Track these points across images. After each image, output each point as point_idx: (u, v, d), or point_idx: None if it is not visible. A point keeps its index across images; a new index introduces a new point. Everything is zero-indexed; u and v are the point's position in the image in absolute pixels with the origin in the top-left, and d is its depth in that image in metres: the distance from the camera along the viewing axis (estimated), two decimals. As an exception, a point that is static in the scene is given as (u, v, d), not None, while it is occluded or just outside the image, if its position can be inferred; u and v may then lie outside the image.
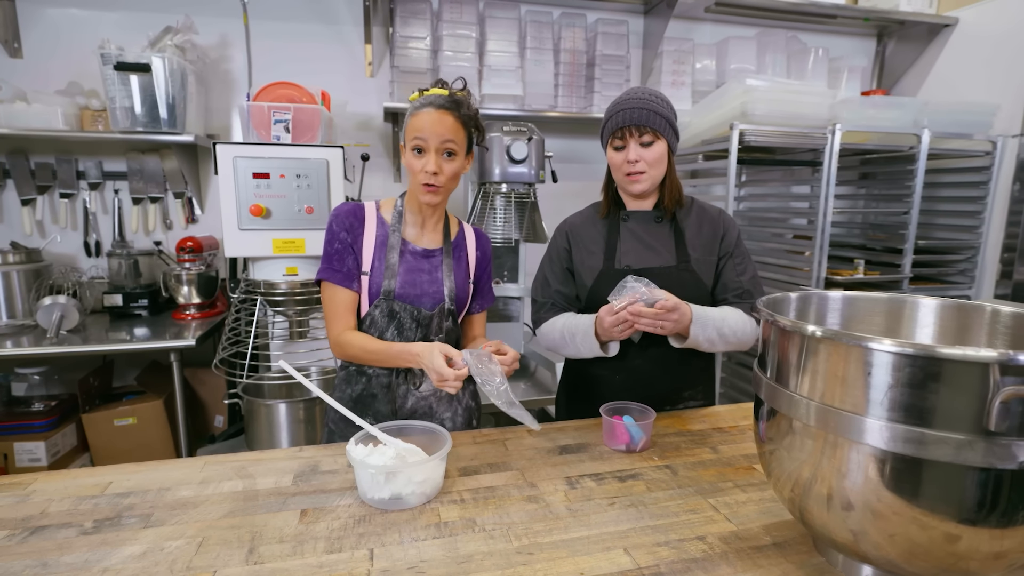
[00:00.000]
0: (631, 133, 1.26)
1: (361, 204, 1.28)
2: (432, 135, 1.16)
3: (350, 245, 1.23)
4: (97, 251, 2.59)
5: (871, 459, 0.67)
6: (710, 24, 3.07)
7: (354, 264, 1.23)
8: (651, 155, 1.27)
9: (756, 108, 2.34)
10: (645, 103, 1.26)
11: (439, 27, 2.63)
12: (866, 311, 0.92)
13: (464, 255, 1.34)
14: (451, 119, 1.17)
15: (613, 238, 1.37)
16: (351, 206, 1.26)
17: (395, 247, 1.24)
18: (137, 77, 2.13)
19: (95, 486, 0.98)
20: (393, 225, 1.26)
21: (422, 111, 1.16)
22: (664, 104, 1.28)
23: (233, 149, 1.72)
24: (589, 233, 1.41)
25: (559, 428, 1.27)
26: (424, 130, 1.16)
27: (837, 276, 2.53)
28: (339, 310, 1.22)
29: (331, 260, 1.23)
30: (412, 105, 1.20)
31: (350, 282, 1.22)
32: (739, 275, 1.36)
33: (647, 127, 1.25)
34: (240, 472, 1.04)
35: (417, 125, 1.16)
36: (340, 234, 1.23)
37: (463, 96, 1.21)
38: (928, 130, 2.49)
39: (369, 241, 1.24)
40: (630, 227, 1.38)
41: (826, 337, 0.70)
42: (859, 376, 0.67)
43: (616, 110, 1.28)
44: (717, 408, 1.40)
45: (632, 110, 1.26)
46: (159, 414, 2.32)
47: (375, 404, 1.26)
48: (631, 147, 1.27)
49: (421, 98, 1.19)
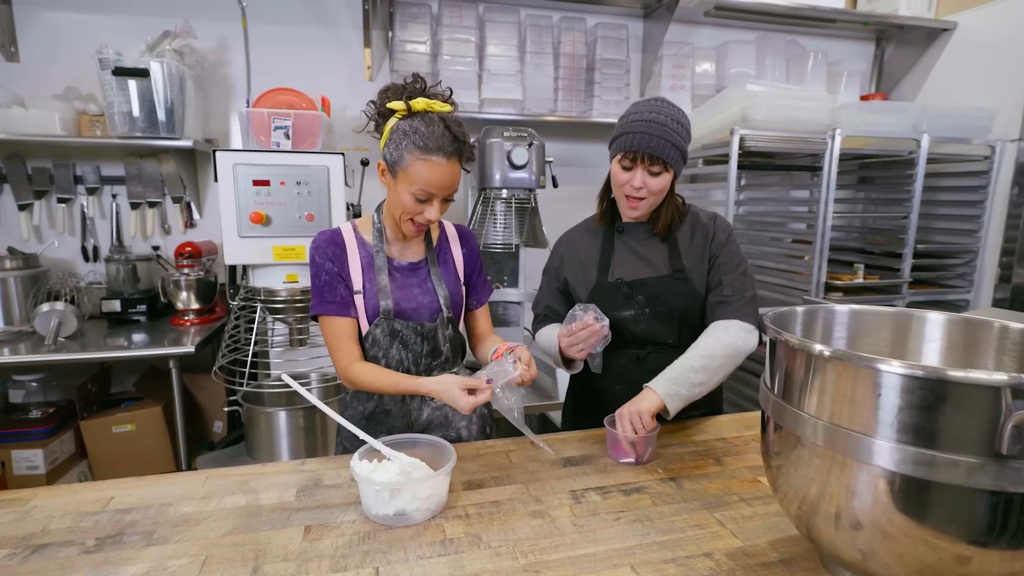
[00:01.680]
0: (642, 160, 1.23)
1: (337, 230, 1.23)
2: (442, 189, 1.10)
3: (337, 274, 1.19)
4: (95, 256, 2.58)
5: (880, 480, 0.67)
6: (710, 28, 3.07)
7: (346, 291, 1.20)
8: (656, 185, 1.25)
9: (756, 113, 2.34)
10: (665, 130, 1.20)
11: (439, 31, 2.62)
12: (872, 325, 0.92)
13: (450, 258, 1.31)
14: (457, 166, 1.11)
15: (607, 251, 1.38)
16: (328, 235, 1.22)
17: (383, 268, 1.21)
18: (135, 82, 2.11)
19: (96, 501, 0.98)
20: (376, 246, 1.21)
21: (431, 160, 1.07)
22: (683, 131, 1.24)
23: (233, 156, 1.71)
24: (584, 247, 1.42)
25: (563, 439, 1.27)
26: (433, 184, 1.09)
27: (837, 281, 2.53)
28: (341, 341, 1.19)
29: (322, 293, 1.19)
30: (415, 145, 1.06)
31: (347, 310, 1.19)
32: (723, 274, 1.31)
33: (658, 159, 1.22)
34: (243, 487, 1.03)
35: (424, 176, 1.08)
36: (325, 265, 1.19)
37: (460, 129, 1.11)
38: (927, 135, 2.50)
39: (355, 265, 1.21)
40: (624, 239, 1.38)
41: (835, 357, 0.70)
42: (868, 397, 0.67)
43: (632, 129, 1.22)
44: (721, 418, 1.39)
45: (649, 136, 1.20)
46: (158, 421, 2.31)
47: (388, 420, 1.25)
48: (637, 173, 1.24)
49: (426, 135, 1.06)
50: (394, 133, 1.10)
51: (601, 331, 1.19)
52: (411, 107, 1.09)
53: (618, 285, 1.33)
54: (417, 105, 1.09)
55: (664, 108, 1.25)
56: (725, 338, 1.24)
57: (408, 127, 1.08)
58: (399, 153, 1.09)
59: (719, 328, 1.27)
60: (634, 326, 1.32)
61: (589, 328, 1.19)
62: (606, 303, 1.31)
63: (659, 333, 1.33)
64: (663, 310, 1.31)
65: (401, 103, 1.09)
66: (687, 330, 1.33)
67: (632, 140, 1.22)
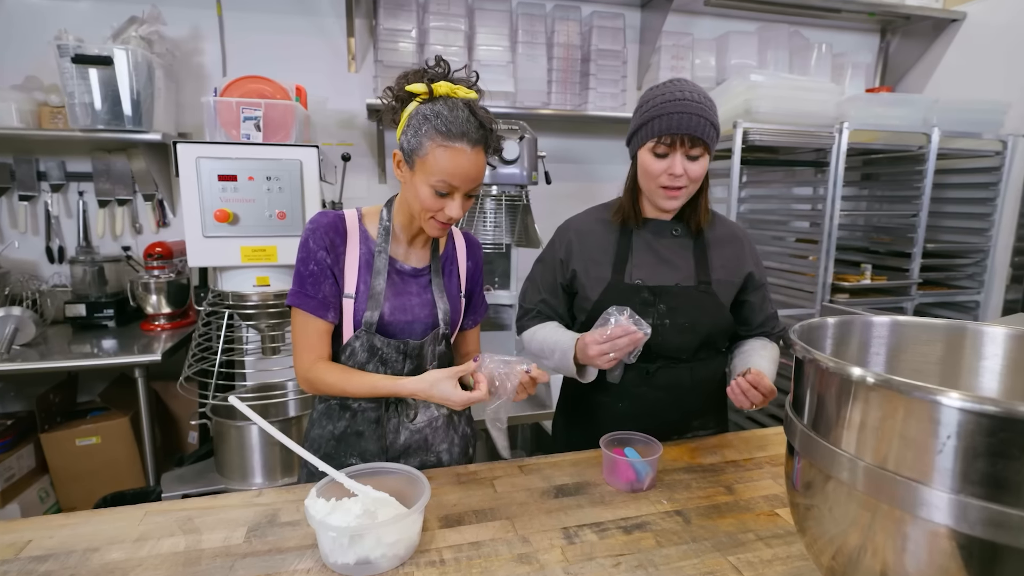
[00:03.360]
0: (681, 143, 1.09)
1: (341, 214, 1.09)
2: (465, 180, 0.97)
3: (329, 267, 1.05)
4: (60, 257, 2.43)
5: (939, 539, 0.54)
6: (710, 18, 2.94)
7: (332, 290, 1.05)
8: (697, 170, 1.11)
9: (761, 105, 2.21)
10: (702, 109, 1.08)
11: (425, 19, 2.48)
12: (918, 340, 0.79)
13: (455, 268, 1.18)
14: (482, 157, 0.99)
15: (624, 248, 1.22)
16: (331, 217, 1.07)
17: (382, 271, 1.07)
18: (97, 71, 1.97)
19: (9, 547, 0.84)
20: (379, 245, 1.07)
21: (454, 147, 0.94)
22: (715, 108, 1.11)
23: (196, 149, 1.57)
24: (597, 240, 1.25)
25: (554, 463, 1.14)
26: (456, 175, 0.96)
27: (844, 282, 2.42)
28: (311, 341, 1.05)
29: (304, 283, 1.04)
30: (436, 130, 0.94)
31: (325, 311, 1.04)
32: (771, 305, 1.28)
33: (700, 140, 1.08)
34: (185, 525, 0.90)
35: (445, 165, 0.95)
36: (318, 253, 1.04)
37: (487, 116, 0.99)
38: (938, 128, 2.38)
39: (352, 260, 1.07)
40: (644, 236, 1.22)
41: (880, 385, 0.57)
42: (923, 437, 0.54)
43: (664, 111, 1.08)
44: (729, 436, 1.27)
45: (687, 116, 1.07)
46: (125, 432, 2.17)
47: (361, 443, 1.10)
48: (677, 159, 1.10)
49: (448, 120, 0.94)
50: (412, 119, 0.97)
51: (643, 338, 1.04)
52: (433, 90, 0.97)
53: (637, 288, 1.18)
54: (440, 89, 0.97)
55: (692, 87, 1.12)
56: (777, 353, 1.22)
57: (429, 111, 0.95)
58: (418, 140, 0.96)
59: (774, 348, 1.25)
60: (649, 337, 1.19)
61: (630, 335, 1.02)
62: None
63: (675, 348, 1.18)
64: (686, 323, 1.17)
65: (422, 85, 0.97)
66: (704, 348, 1.20)
67: (669, 122, 1.08)
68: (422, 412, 1.12)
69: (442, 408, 1.15)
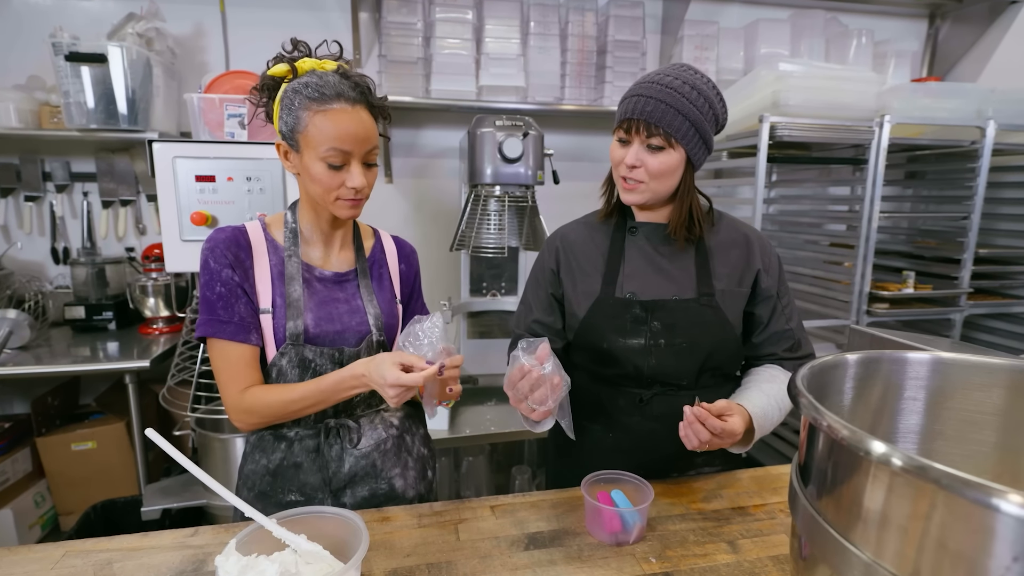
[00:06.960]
0: (637, 129, 0.96)
1: (242, 227, 1.00)
2: (356, 143, 0.91)
3: (239, 285, 0.95)
4: (66, 258, 2.41)
5: None
6: (738, 5, 2.74)
7: (247, 309, 0.95)
8: (656, 164, 0.96)
9: (790, 97, 2.02)
10: (670, 95, 0.94)
11: (431, 11, 2.37)
12: (968, 385, 0.61)
13: (385, 272, 1.09)
14: (367, 115, 0.93)
15: (615, 257, 1.07)
16: (229, 232, 0.98)
17: (295, 276, 0.97)
18: (90, 69, 1.92)
19: (-95, 594, 0.76)
20: (288, 248, 0.99)
21: (333, 108, 0.88)
22: (700, 101, 0.96)
23: (172, 148, 1.49)
24: (585, 248, 1.11)
25: (532, 503, 1.00)
26: (342, 138, 0.89)
27: (883, 291, 2.20)
28: (236, 370, 0.94)
29: (214, 308, 0.94)
30: (308, 98, 0.88)
31: (246, 334, 0.94)
32: (787, 321, 1.07)
33: (658, 128, 0.94)
34: (101, 571, 0.80)
35: (327, 130, 0.88)
36: (223, 272, 0.94)
37: (361, 78, 0.95)
38: (994, 122, 2.14)
39: (263, 273, 0.97)
40: (638, 244, 1.08)
41: (910, 472, 0.42)
42: (974, 552, 0.39)
43: (630, 93, 0.98)
44: (738, 475, 1.11)
45: (647, 99, 0.94)
46: (121, 438, 2.13)
47: (300, 475, 1.00)
48: (633, 147, 0.97)
49: (319, 84, 0.89)
50: (283, 99, 0.92)
51: (556, 385, 0.84)
52: (297, 69, 0.93)
53: (628, 303, 1.03)
54: (304, 65, 0.94)
55: (680, 72, 0.97)
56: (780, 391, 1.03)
57: (297, 84, 0.91)
58: (294, 116, 0.91)
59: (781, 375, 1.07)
60: (641, 359, 1.03)
61: (529, 378, 0.84)
62: (609, 324, 1.03)
63: (672, 372, 1.03)
64: (683, 344, 1.02)
65: (284, 66, 0.93)
66: (708, 373, 1.04)
67: (626, 106, 0.97)
68: (367, 435, 1.02)
69: (390, 429, 1.05)
